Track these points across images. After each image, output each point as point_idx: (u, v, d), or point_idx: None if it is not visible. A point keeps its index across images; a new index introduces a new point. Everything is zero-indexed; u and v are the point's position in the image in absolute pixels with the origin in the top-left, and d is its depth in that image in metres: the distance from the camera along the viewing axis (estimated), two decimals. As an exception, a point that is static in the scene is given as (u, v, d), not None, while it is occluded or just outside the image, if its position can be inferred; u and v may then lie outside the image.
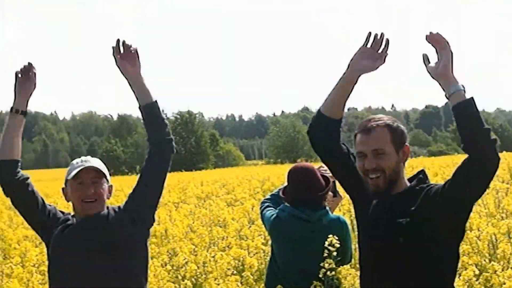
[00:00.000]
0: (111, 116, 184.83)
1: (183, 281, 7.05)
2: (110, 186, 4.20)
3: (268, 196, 5.94)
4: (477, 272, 6.09)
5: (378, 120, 3.35)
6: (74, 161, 4.12)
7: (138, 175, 4.30)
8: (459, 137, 3.09)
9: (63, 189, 4.14)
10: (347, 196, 3.77)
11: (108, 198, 4.18)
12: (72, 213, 4.18)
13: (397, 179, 3.36)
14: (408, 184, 3.43)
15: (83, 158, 4.13)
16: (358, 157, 3.36)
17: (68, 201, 4.12)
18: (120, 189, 24.73)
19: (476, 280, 5.88)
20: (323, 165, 5.38)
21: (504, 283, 6.00)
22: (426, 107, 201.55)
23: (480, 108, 3.10)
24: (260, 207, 5.80)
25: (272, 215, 5.43)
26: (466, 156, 3.11)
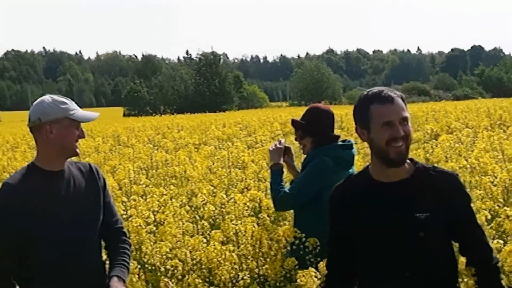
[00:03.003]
0: (135, 56, 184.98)
1: (201, 221, 7.17)
2: None
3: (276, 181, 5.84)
4: (489, 216, 6.15)
5: (389, 91, 3.36)
6: (68, 102, 3.97)
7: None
8: (484, 81, 3.12)
9: (48, 124, 3.90)
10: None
11: None
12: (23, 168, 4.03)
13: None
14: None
15: (68, 100, 3.99)
16: (381, 127, 3.31)
17: (49, 137, 3.92)
18: (143, 129, 24.91)
19: (488, 225, 5.94)
20: None
21: (516, 228, 6.06)
22: (452, 50, 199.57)
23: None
24: (279, 193, 5.70)
25: (318, 165, 5.53)
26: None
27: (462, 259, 3.47)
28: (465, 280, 3.50)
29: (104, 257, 4.35)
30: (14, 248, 3.82)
